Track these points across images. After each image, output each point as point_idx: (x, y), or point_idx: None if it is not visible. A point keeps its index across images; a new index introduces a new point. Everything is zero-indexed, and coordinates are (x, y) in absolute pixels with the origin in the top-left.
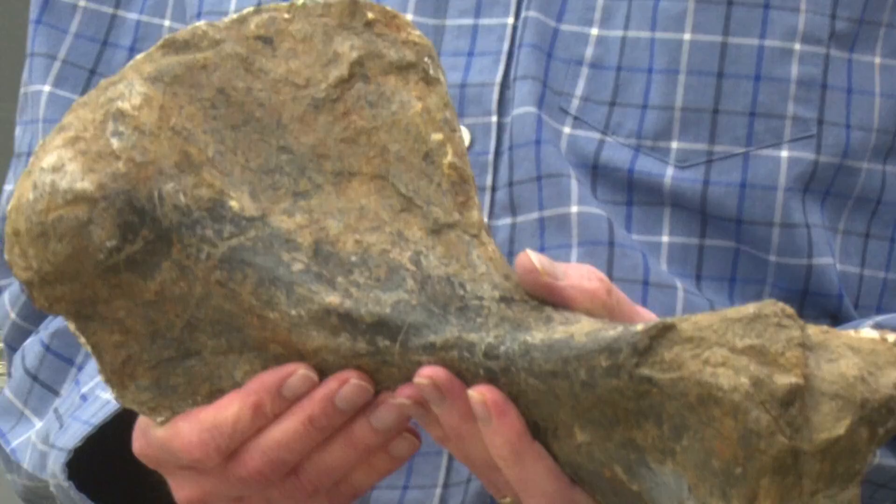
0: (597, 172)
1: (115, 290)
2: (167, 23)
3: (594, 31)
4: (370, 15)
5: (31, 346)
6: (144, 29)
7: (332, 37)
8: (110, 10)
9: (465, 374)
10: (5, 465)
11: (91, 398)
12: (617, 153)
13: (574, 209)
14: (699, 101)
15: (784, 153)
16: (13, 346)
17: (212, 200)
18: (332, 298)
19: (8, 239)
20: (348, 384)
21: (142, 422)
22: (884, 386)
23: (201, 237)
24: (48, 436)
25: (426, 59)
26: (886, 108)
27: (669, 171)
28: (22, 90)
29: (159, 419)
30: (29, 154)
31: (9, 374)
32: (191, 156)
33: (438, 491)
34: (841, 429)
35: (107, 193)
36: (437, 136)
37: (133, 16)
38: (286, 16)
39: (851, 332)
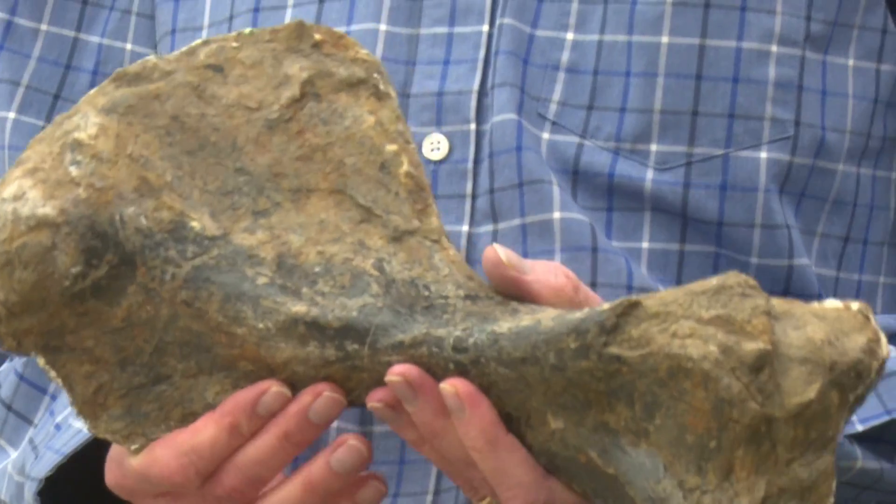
0: (577, 177)
1: (82, 319)
2: (129, 46)
3: (570, 36)
4: (317, 36)
5: (6, 375)
6: (107, 52)
7: (281, 60)
8: (72, 34)
9: (436, 370)
10: None
11: (64, 427)
12: (596, 157)
13: (556, 215)
14: (678, 103)
15: (763, 154)
16: None
17: (173, 222)
18: (299, 308)
19: None
20: (321, 397)
21: (115, 452)
22: (851, 350)
23: (165, 258)
24: (24, 466)
25: (375, 74)
26: (859, 109)
27: (649, 174)
28: None
29: (133, 447)
30: None
31: None
32: (149, 181)
33: (429, 498)
34: (812, 392)
35: (69, 219)
36: (391, 147)
37: (95, 39)
38: (234, 44)
39: (815, 304)
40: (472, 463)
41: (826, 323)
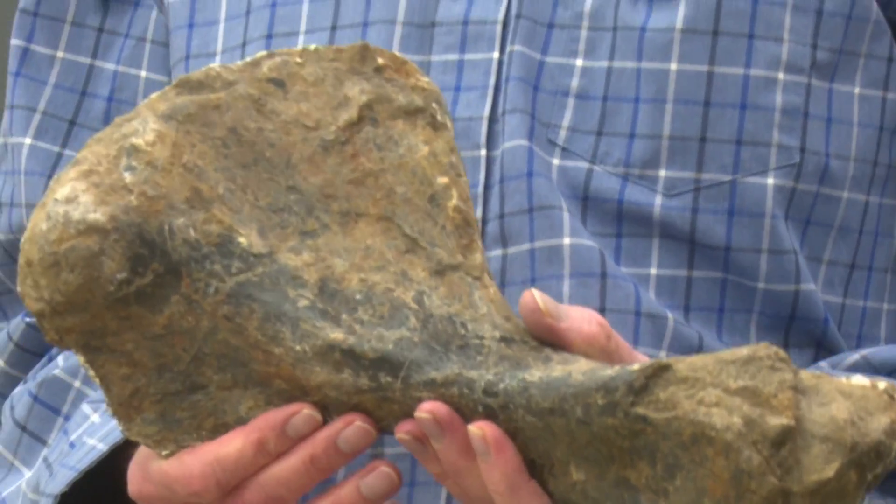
0: (587, 203)
1: (124, 323)
2: (144, 73)
3: (579, 63)
4: (380, 60)
5: (20, 397)
6: (122, 79)
7: (342, 81)
8: (88, 61)
9: (465, 410)
10: None
11: (78, 445)
12: (606, 182)
13: (566, 241)
14: (686, 129)
15: (770, 181)
16: (2, 392)
17: (221, 236)
18: (337, 335)
19: (21, 270)
20: (352, 426)
21: (141, 458)
22: (873, 430)
23: (210, 272)
24: (38, 484)
25: (434, 104)
26: (864, 137)
27: (658, 200)
28: (1, 140)
29: (164, 452)
30: (11, 204)
31: None
32: (201, 192)
33: None
34: (830, 471)
35: (118, 226)
36: (442, 180)
37: (110, 66)
38: (298, 60)
39: (843, 378)
40: (489, 500)
41: (851, 401)
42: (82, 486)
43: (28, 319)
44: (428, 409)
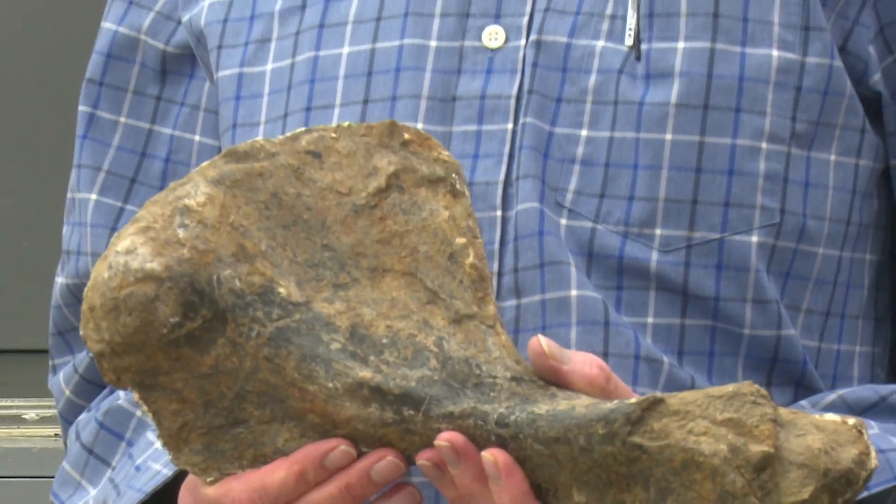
0: (591, 259)
1: (175, 363)
2: (197, 137)
3: (584, 133)
4: (406, 136)
5: (86, 423)
6: (177, 142)
7: (372, 153)
8: (147, 126)
9: (479, 440)
10: None
11: (144, 468)
12: (608, 240)
13: (573, 293)
14: (679, 193)
15: (754, 238)
16: (68, 419)
17: (263, 287)
18: (365, 373)
19: (84, 315)
20: (384, 460)
21: (190, 481)
22: (844, 459)
23: (253, 318)
24: (106, 501)
25: (454, 175)
26: (838, 199)
27: (654, 256)
28: (70, 195)
29: (209, 479)
30: (78, 253)
31: (65, 445)
32: (246, 248)
33: None
34: (805, 494)
35: (172, 275)
36: (460, 241)
37: (167, 130)
38: (333, 135)
39: (816, 416)
40: None
41: (824, 434)
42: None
43: (91, 354)
44: (446, 437)
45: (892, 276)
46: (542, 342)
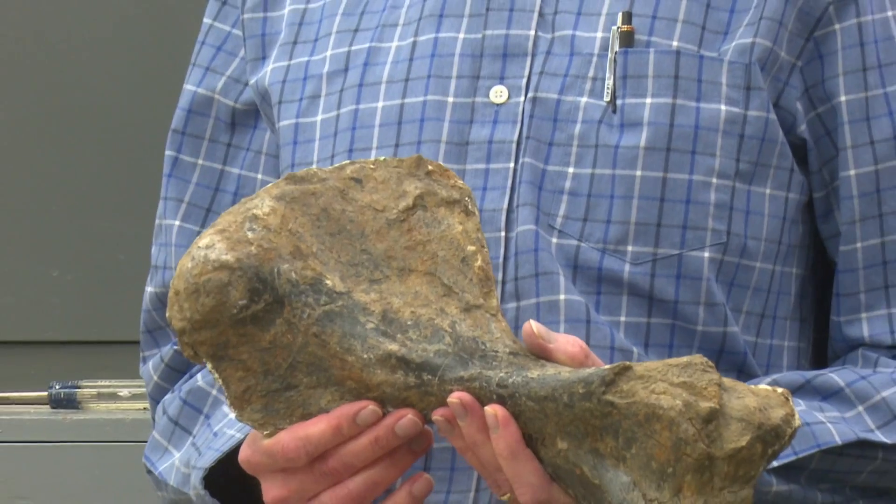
0: (576, 270)
1: (241, 338)
2: (260, 176)
3: (571, 170)
4: (430, 167)
5: (171, 401)
6: (244, 180)
7: (402, 180)
8: (219, 167)
9: (483, 398)
10: (155, 485)
11: (220, 434)
12: (589, 255)
13: (561, 297)
14: (647, 217)
15: (706, 254)
16: (156, 399)
17: (313, 279)
18: (393, 347)
19: (170, 299)
20: (406, 418)
21: (250, 437)
22: (774, 417)
23: (304, 303)
24: (189, 461)
25: (466, 198)
26: (772, 224)
27: (626, 268)
28: (157, 221)
29: (265, 433)
30: (164, 267)
31: (153, 419)
32: (301, 249)
33: (472, 494)
34: (743, 441)
35: (242, 266)
36: (471, 248)
37: (236, 170)
38: (372, 166)
39: (752, 385)
40: (499, 468)
41: (759, 397)
42: (221, 463)
43: (175, 347)
44: (456, 396)
45: (813, 286)
46: (532, 325)
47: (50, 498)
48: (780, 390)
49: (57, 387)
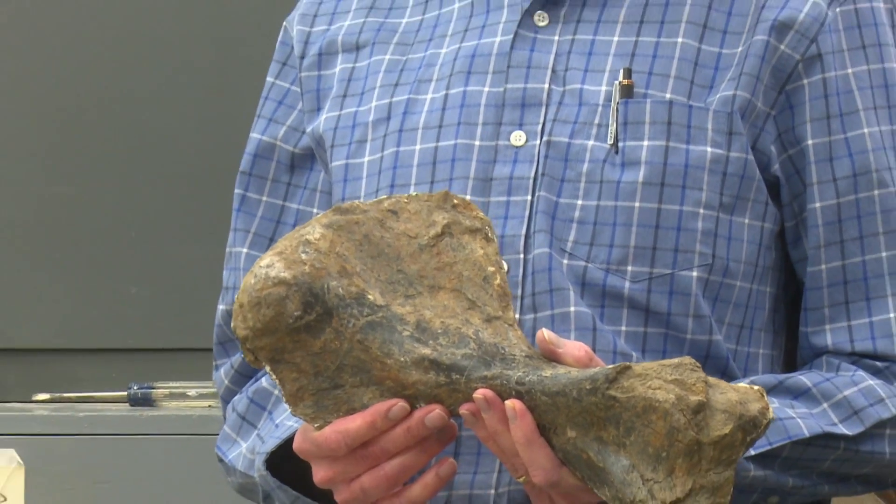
0: (584, 287)
1: (296, 344)
2: (315, 210)
3: (579, 202)
4: (455, 201)
5: (240, 400)
6: (301, 214)
7: (432, 211)
8: (280, 203)
9: (503, 394)
10: (226, 471)
11: (281, 425)
12: (595, 274)
13: (572, 309)
14: (644, 242)
15: (694, 274)
16: (226, 400)
17: (357, 294)
18: (426, 351)
19: (234, 311)
20: (434, 412)
21: (302, 428)
22: (752, 409)
23: (350, 314)
24: (254, 448)
25: (486, 228)
26: (750, 249)
27: (627, 285)
28: (228, 249)
29: (316, 426)
30: (234, 289)
31: (223, 416)
32: (346, 269)
33: (495, 475)
34: (727, 430)
35: (297, 282)
36: (491, 269)
37: (294, 206)
38: (405, 200)
39: (733, 383)
40: (517, 454)
41: (738, 393)
42: (281, 450)
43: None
44: (481, 392)
45: (784, 302)
46: (544, 333)
47: (127, 483)
48: (756, 387)
49: (135, 387)
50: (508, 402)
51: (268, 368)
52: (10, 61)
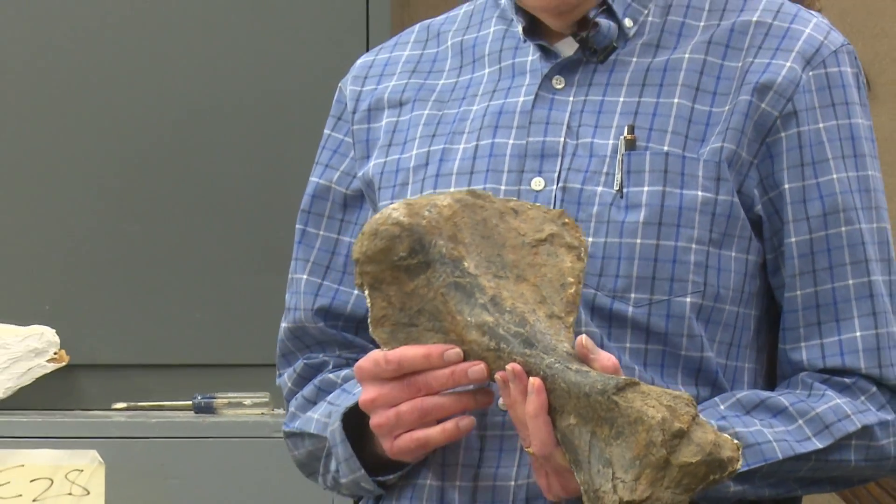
0: (594, 311)
1: (393, 279)
2: None
3: (590, 239)
4: (566, 220)
5: (308, 388)
6: (352, 245)
7: (544, 221)
8: (335, 236)
9: (532, 371)
10: (292, 444)
11: (351, 391)
12: (603, 301)
13: (583, 329)
14: (645, 273)
15: (688, 299)
16: (289, 400)
17: (457, 258)
18: (489, 319)
19: (358, 238)
20: (478, 366)
21: (371, 353)
22: (723, 454)
23: (444, 271)
24: (329, 413)
25: (582, 248)
26: (736, 278)
27: (630, 309)
28: (290, 276)
29: (386, 349)
30: (295, 309)
31: (287, 411)
32: (457, 236)
33: (515, 468)
34: (693, 459)
35: (412, 229)
36: (570, 279)
37: (347, 239)
38: (528, 206)
39: (720, 433)
40: (526, 424)
41: (719, 438)
42: (354, 414)
43: (304, 361)
44: (511, 366)
45: (766, 323)
46: (583, 339)
47: (192, 479)
48: (736, 442)
49: (199, 397)
50: (531, 379)
51: (366, 292)
52: (96, 103)
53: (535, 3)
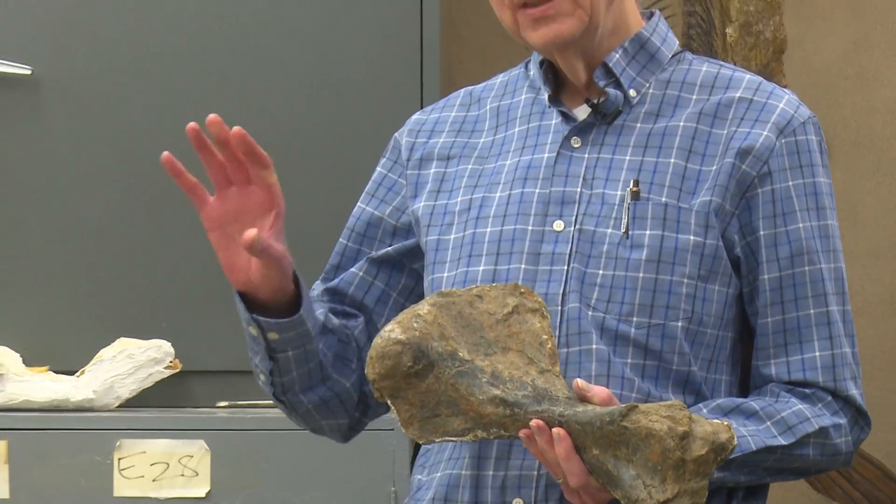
0: (602, 331)
1: (408, 386)
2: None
3: (600, 272)
4: (522, 290)
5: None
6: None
7: (506, 296)
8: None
9: (549, 423)
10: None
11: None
12: (610, 322)
13: (593, 346)
14: (645, 301)
15: (679, 323)
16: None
17: (452, 352)
18: (497, 392)
19: (367, 362)
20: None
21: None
22: (722, 438)
23: (446, 365)
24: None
25: (543, 308)
26: (718, 306)
27: (632, 331)
28: (312, 293)
29: (422, 442)
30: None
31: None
32: (444, 334)
33: (538, 461)
34: (703, 451)
35: (410, 342)
36: (545, 336)
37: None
38: (488, 289)
39: (710, 419)
40: (558, 464)
41: (713, 427)
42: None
43: (323, 286)
44: (534, 422)
45: (741, 343)
46: (579, 382)
47: (283, 463)
48: (726, 423)
49: None
50: (555, 430)
51: (389, 402)
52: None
53: (535, 43)
